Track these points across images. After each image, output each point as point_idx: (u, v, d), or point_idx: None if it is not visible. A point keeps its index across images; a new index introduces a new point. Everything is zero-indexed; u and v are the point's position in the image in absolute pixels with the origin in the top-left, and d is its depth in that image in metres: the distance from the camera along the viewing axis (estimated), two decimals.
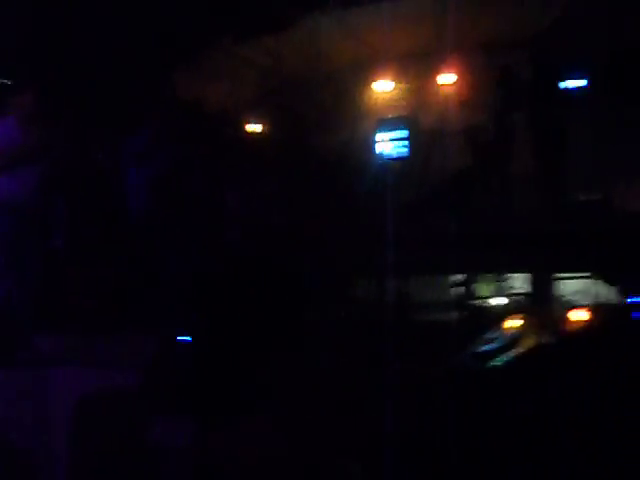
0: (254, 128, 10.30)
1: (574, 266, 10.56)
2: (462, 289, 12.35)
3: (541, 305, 9.99)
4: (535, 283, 11.07)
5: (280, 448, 1.94)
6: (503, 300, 11.07)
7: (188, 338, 5.68)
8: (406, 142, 10.00)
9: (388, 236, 8.46)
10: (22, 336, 5.52)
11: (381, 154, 10.16)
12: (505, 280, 11.84)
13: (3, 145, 5.76)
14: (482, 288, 13.17)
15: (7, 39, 7.79)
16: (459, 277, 12.28)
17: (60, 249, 6.27)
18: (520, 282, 12.13)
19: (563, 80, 9.30)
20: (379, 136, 10.23)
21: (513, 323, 5.61)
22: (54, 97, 6.90)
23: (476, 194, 9.15)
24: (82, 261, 6.26)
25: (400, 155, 10.06)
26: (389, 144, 10.14)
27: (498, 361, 2.31)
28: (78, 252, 6.25)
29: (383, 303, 9.11)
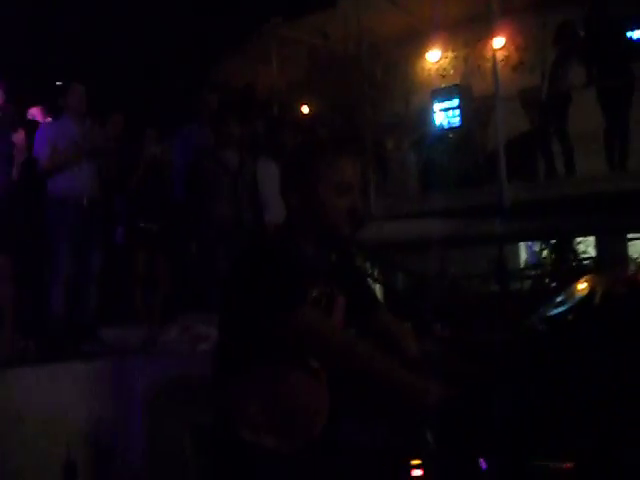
0: (308, 108, 10.30)
1: None
2: (528, 256, 12.20)
3: (610, 267, 9.75)
4: (603, 246, 10.83)
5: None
6: (571, 264, 10.87)
7: None
8: (458, 111, 9.86)
9: (448, 207, 8.39)
10: (89, 328, 5.66)
11: (435, 124, 10.05)
12: (573, 244, 11.63)
13: (63, 143, 5.91)
14: (549, 254, 12.96)
15: (57, 41, 7.95)
16: (524, 244, 12.14)
17: (121, 242, 6.40)
18: (588, 246, 11.89)
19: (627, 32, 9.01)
20: (432, 107, 10.13)
21: (582, 285, 5.44)
22: (108, 93, 7.03)
23: (536, 159, 8.96)
24: (142, 251, 6.37)
25: (453, 124, 9.94)
26: (442, 114, 10.03)
27: (567, 322, 2.26)
28: (138, 243, 6.36)
29: (448, 275, 9.04)
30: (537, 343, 1.82)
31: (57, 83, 7.64)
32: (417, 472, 1.96)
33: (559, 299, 3.01)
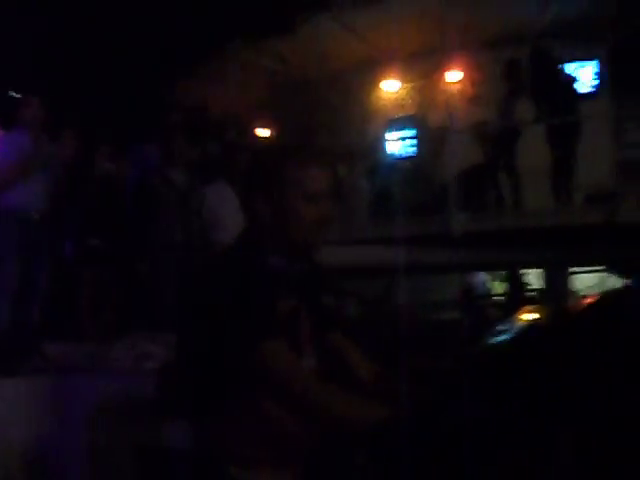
0: (263, 132, 10.35)
1: (588, 261, 10.53)
2: (476, 287, 12.38)
3: (555, 299, 9.96)
4: (549, 278, 11.05)
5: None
6: (516, 296, 11.08)
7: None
8: (414, 141, 10.03)
9: (402, 235, 8.48)
10: (33, 343, 5.57)
11: (390, 154, 10.19)
12: (519, 276, 11.85)
13: (15, 156, 5.84)
14: (496, 285, 13.19)
15: (15, 52, 7.88)
16: (474, 275, 12.32)
17: (70, 257, 6.33)
18: (534, 278, 12.13)
19: (569, 71, 9.34)
20: (388, 136, 10.28)
21: (525, 315, 5.54)
22: (62, 108, 6.98)
23: (487, 190, 9.13)
24: (92, 268, 6.31)
25: (408, 154, 10.09)
26: (398, 143, 10.18)
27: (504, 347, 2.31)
28: (88, 259, 6.31)
29: (398, 303, 9.11)
30: (479, 371, 1.86)
31: (12, 94, 7.56)
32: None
33: (501, 328, 3.08)
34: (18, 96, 6.31)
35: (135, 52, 8.89)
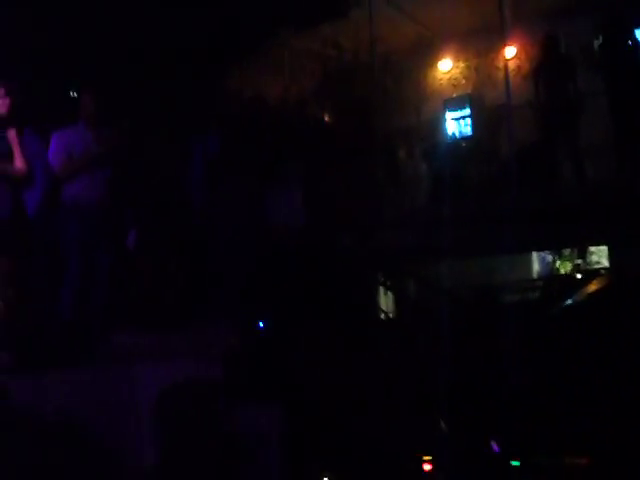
0: (320, 118, 10.32)
1: None
2: (543, 266, 12.14)
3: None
4: (617, 256, 10.76)
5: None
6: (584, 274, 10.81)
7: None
8: (470, 120, 9.89)
9: (463, 216, 8.37)
10: (101, 334, 5.66)
11: (447, 133, 10.07)
12: (586, 254, 11.57)
13: (77, 151, 6.03)
14: (563, 264, 12.90)
15: (66, 50, 8.02)
16: (537, 255, 12.08)
17: (132, 248, 6.41)
18: (601, 256, 11.83)
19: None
20: (444, 116, 10.16)
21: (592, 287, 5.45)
22: (118, 103, 7.09)
23: (547, 168, 8.94)
24: (153, 258, 6.38)
25: (465, 133, 9.96)
26: (454, 123, 10.05)
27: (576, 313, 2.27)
28: (149, 250, 6.37)
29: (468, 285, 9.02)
30: (550, 332, 1.81)
31: (71, 93, 7.74)
32: (427, 467, 1.94)
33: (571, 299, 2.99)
34: (76, 94, 6.44)
35: (187, 40, 8.94)
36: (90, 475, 4.61)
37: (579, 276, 10.74)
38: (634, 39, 8.64)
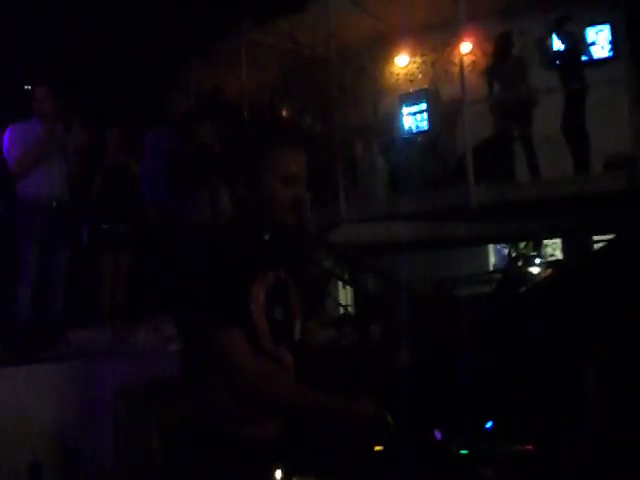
0: (277, 111, 10.30)
1: (609, 228, 10.42)
2: (497, 260, 12.32)
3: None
4: (570, 248, 10.97)
5: None
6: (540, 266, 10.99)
7: None
8: (426, 115, 9.97)
9: (417, 210, 8.45)
10: (57, 330, 5.63)
11: (404, 128, 10.15)
12: (541, 247, 11.76)
13: (30, 145, 5.93)
14: (519, 256, 13.08)
15: (23, 44, 7.91)
16: (493, 248, 12.25)
17: (89, 243, 6.38)
18: (555, 249, 12.03)
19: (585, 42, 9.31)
20: (401, 111, 10.23)
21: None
22: (74, 96, 7.02)
23: (503, 162, 9.06)
24: (111, 254, 6.35)
25: (422, 128, 10.04)
26: (411, 118, 10.13)
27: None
28: (105, 246, 6.35)
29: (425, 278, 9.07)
30: (500, 322, 1.86)
31: (26, 87, 7.63)
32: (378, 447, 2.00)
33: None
34: (30, 88, 6.35)
35: (144, 33, 8.87)
36: (44, 471, 4.59)
37: (534, 269, 10.91)
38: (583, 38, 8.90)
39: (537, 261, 11.60)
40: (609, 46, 9.93)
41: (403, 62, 11.28)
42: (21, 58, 8.08)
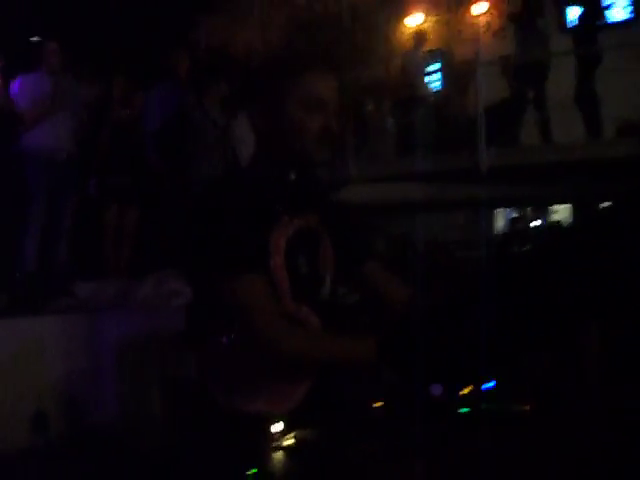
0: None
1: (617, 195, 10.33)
2: (506, 222, 12.29)
3: None
4: (579, 214, 10.92)
5: None
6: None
7: None
8: (439, 75, 9.87)
9: (427, 171, 8.39)
10: (62, 282, 5.65)
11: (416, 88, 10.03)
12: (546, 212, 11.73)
13: (36, 98, 5.89)
14: (531, 219, 13.03)
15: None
16: (502, 212, 12.21)
17: (94, 197, 6.36)
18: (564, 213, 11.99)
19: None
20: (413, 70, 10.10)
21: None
22: (79, 49, 6.96)
23: (515, 124, 8.97)
24: (115, 207, 6.33)
25: (434, 88, 9.93)
26: (423, 78, 10.02)
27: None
28: (111, 198, 6.32)
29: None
30: (500, 282, 1.83)
31: (32, 39, 7.56)
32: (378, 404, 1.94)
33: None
34: (38, 40, 6.29)
35: None
36: (49, 422, 4.64)
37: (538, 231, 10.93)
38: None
39: (539, 224, 11.62)
40: (629, 8, 9.79)
41: (417, 21, 11.13)
42: (28, 10, 8.00)
